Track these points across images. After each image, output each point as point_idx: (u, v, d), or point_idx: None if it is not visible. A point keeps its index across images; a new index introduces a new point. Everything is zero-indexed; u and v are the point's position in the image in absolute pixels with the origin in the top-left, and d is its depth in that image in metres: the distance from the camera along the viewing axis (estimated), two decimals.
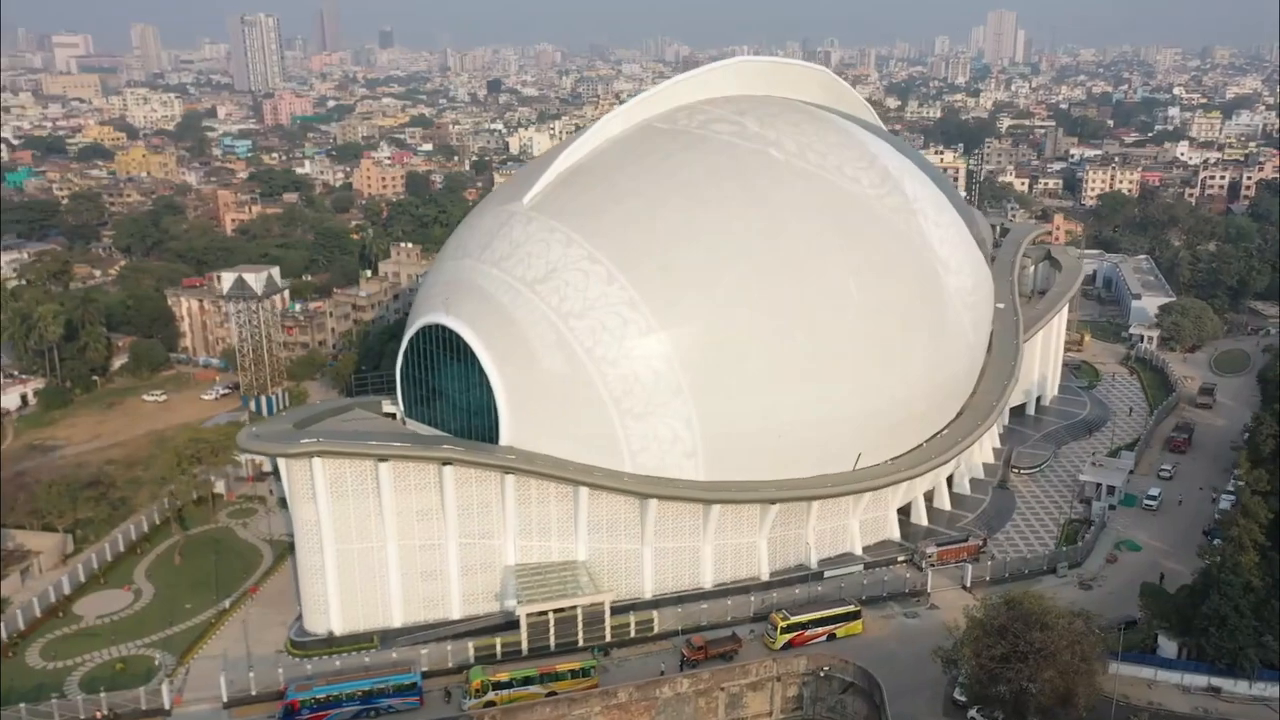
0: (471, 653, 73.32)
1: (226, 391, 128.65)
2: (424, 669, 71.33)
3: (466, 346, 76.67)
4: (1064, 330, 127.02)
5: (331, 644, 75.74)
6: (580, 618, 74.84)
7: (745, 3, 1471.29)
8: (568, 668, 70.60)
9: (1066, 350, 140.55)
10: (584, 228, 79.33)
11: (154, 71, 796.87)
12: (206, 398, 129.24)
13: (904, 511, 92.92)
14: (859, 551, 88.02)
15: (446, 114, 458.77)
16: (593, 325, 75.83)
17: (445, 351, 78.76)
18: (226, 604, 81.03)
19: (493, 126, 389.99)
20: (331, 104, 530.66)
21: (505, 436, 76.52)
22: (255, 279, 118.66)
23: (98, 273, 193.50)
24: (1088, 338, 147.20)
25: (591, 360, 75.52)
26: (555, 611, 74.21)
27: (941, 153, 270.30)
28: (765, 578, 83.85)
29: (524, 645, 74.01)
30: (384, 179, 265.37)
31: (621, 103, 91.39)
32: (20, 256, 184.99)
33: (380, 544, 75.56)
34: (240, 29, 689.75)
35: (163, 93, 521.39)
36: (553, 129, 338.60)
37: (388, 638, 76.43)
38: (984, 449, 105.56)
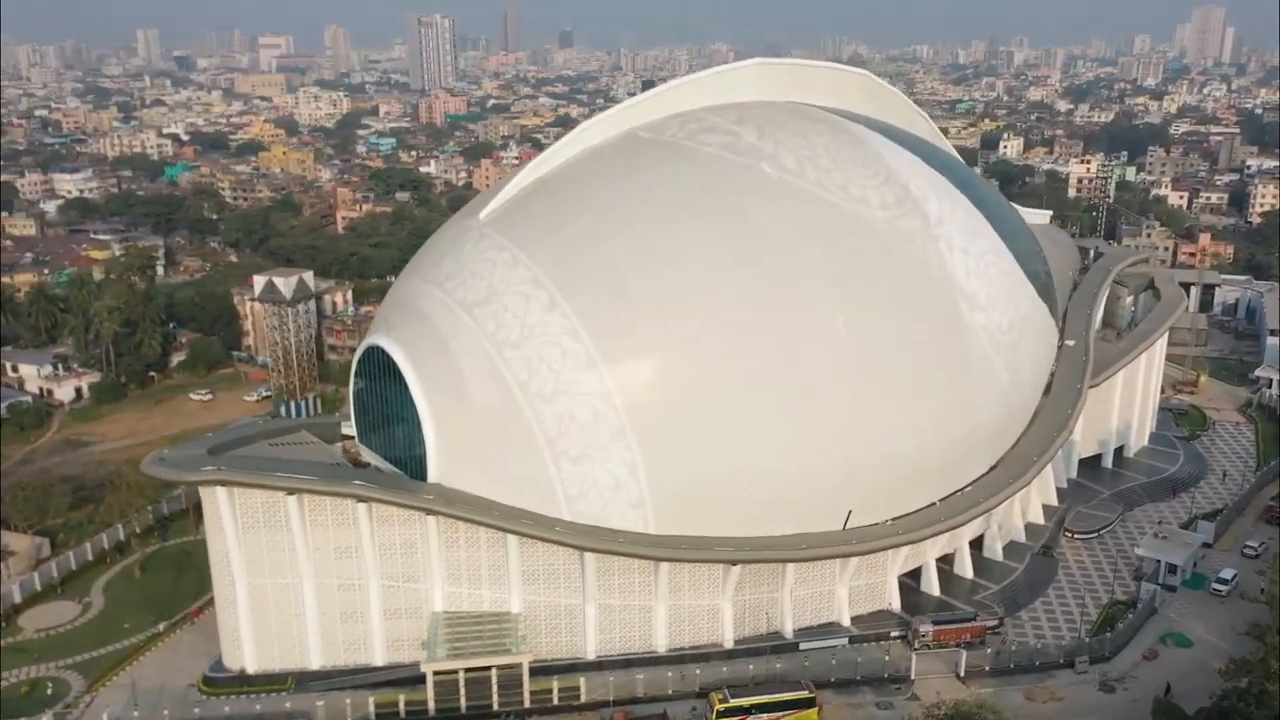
0: (371, 709, 67.52)
1: (268, 394, 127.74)
2: None
3: (400, 373, 70.92)
4: (1158, 370, 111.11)
5: (245, 682, 71.41)
6: (494, 679, 67.86)
7: (929, 1, 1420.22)
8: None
9: (1179, 392, 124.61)
10: (533, 248, 72.16)
11: (342, 71, 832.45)
12: (248, 399, 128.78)
13: (915, 575, 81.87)
14: (846, 622, 77.55)
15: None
16: (529, 356, 68.64)
17: (386, 376, 73.16)
18: (161, 627, 77.91)
19: None
20: (491, 103, 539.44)
21: (433, 473, 70.28)
22: (285, 283, 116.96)
23: (209, 266, 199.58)
24: (1204, 379, 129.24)
25: (525, 395, 68.36)
26: (466, 670, 67.48)
27: (1086, 161, 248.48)
28: (729, 645, 74.72)
29: (430, 704, 67.62)
30: (501, 178, 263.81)
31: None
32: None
33: (296, 580, 70.65)
34: (417, 30, 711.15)
35: (334, 91, 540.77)
36: None
37: (304, 680, 71.56)
38: (1031, 507, 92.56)
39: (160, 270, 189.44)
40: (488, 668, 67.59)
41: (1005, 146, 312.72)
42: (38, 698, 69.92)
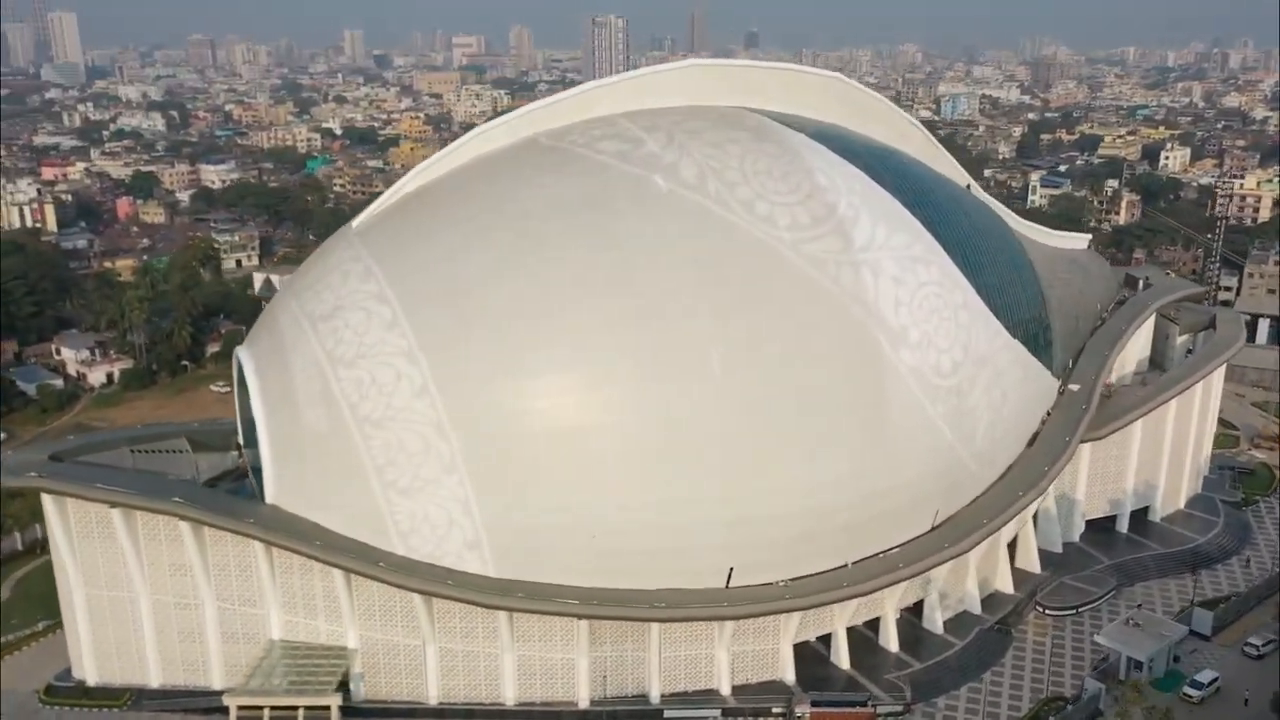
0: None
1: None
2: None
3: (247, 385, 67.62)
4: (1206, 422, 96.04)
5: (85, 695, 69.67)
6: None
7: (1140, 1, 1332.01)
8: None
9: (1256, 447, 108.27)
10: (387, 261, 67.26)
11: (522, 70, 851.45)
12: None
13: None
14: (726, 691, 69.21)
15: None
16: (361, 377, 63.85)
17: (242, 387, 70.00)
18: (40, 626, 77.38)
19: None
20: None
21: (270, 494, 66.39)
22: (280, 281, 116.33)
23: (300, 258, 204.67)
24: None
25: (355, 419, 63.62)
26: (272, 709, 63.35)
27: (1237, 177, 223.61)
28: (583, 705, 67.84)
29: None
30: None
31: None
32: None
33: (133, 595, 68.37)
34: (591, 30, 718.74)
35: (496, 90, 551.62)
36: None
37: (142, 697, 69.27)
38: (999, 574, 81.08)
39: (255, 260, 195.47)
40: (294, 707, 63.24)
41: (1166, 157, 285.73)
42: None
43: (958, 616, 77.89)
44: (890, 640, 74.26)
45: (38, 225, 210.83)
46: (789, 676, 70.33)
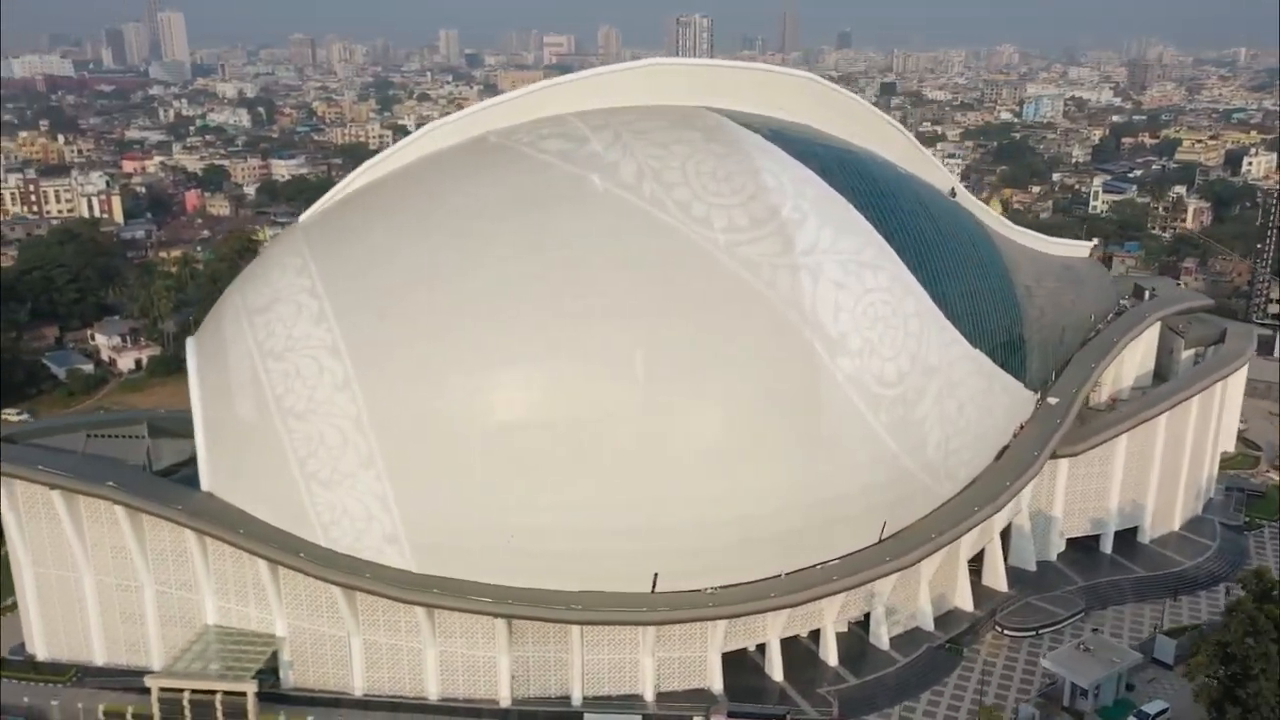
0: (100, 713, 66.18)
1: None
2: None
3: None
4: (1208, 440, 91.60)
5: (34, 669, 72.09)
6: (218, 707, 64.60)
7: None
8: None
9: (1277, 470, 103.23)
10: (322, 256, 68.13)
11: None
12: None
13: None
14: (649, 697, 68.43)
15: None
16: (288, 370, 64.77)
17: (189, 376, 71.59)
18: (11, 601, 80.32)
19: None
20: None
21: (205, 481, 67.83)
22: None
23: None
24: None
25: (279, 411, 64.59)
26: (192, 691, 64.71)
27: None
28: (504, 703, 67.78)
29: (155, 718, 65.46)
30: None
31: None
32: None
33: (77, 574, 70.54)
34: (675, 30, 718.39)
35: None
36: None
37: (86, 675, 71.39)
38: (958, 591, 78.59)
39: None
40: (213, 692, 64.50)
41: (1249, 163, 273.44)
42: None
43: (909, 633, 75.73)
44: (830, 654, 72.54)
45: (104, 215, 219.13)
46: (716, 686, 69.19)
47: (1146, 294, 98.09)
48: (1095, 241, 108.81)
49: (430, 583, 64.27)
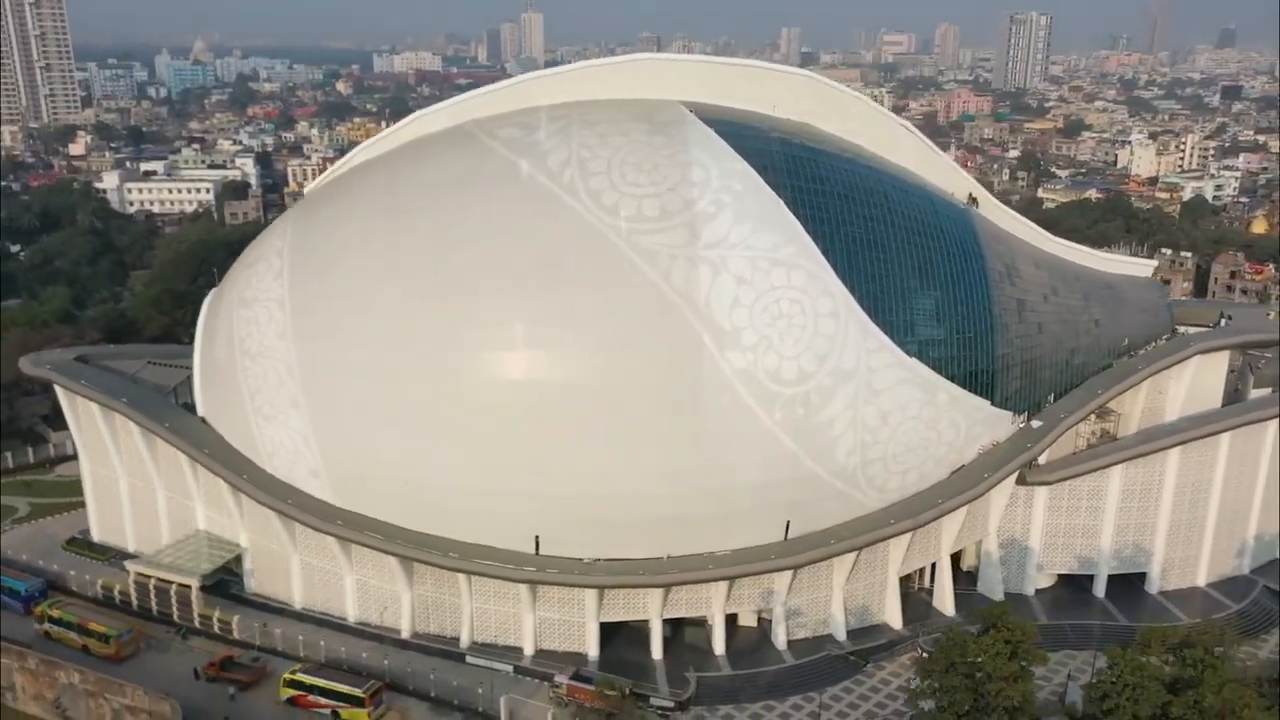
0: (99, 586, 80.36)
1: None
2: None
3: None
4: (1250, 487, 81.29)
5: (89, 548, 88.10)
6: (173, 595, 76.85)
7: None
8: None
9: None
10: (297, 221, 78.50)
11: (940, 69, 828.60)
12: None
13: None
14: (529, 651, 73.16)
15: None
16: (250, 317, 75.59)
17: None
18: None
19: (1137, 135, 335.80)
20: (1048, 105, 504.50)
21: (200, 410, 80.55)
22: None
23: None
24: None
25: (240, 352, 75.59)
26: (158, 580, 77.43)
27: None
28: (405, 635, 75.14)
29: (133, 601, 78.63)
30: None
31: None
32: None
33: (115, 474, 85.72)
34: (1009, 28, 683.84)
35: (875, 88, 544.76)
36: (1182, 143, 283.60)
37: (121, 557, 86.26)
38: (887, 607, 76.55)
39: None
40: (170, 582, 76.89)
41: None
42: None
43: (819, 639, 74.88)
44: (718, 644, 73.57)
45: None
46: (592, 652, 72.64)
47: (1221, 321, 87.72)
48: (1157, 262, 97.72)
49: (339, 515, 72.83)
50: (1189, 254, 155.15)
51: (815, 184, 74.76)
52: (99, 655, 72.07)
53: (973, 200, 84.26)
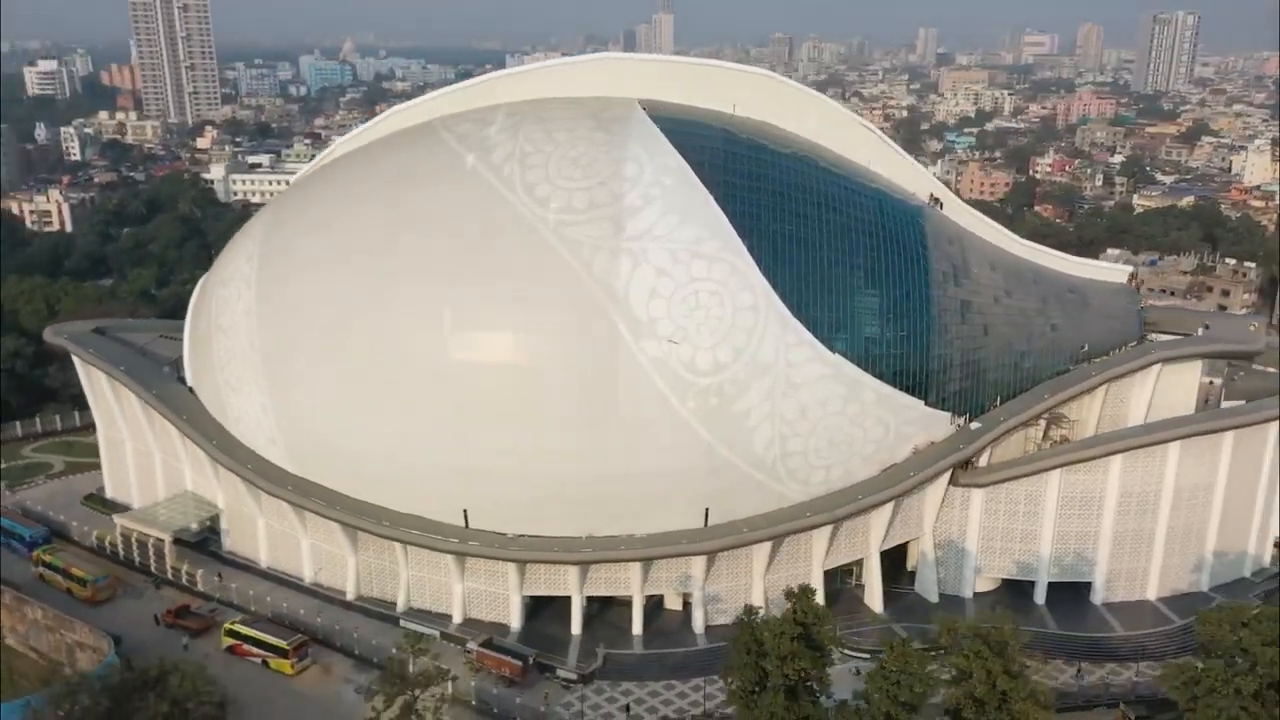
0: (94, 537, 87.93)
1: None
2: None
3: None
4: (1208, 505, 78.70)
5: (103, 504, 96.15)
6: (151, 547, 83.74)
7: None
8: None
9: None
10: (275, 207, 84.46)
11: (1081, 70, 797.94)
12: None
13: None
14: (458, 619, 77.10)
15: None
16: (224, 295, 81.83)
17: None
18: None
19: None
20: (1184, 110, 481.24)
21: (189, 379, 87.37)
22: None
23: None
24: None
25: (214, 326, 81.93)
26: (138, 533, 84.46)
27: None
28: (350, 596, 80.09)
29: (120, 551, 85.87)
30: (986, 184, 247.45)
31: None
32: None
33: (122, 437, 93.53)
34: (1151, 28, 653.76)
35: (999, 90, 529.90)
36: None
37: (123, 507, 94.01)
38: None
39: None
40: (149, 536, 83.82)
41: None
42: None
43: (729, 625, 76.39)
44: (635, 623, 75.99)
45: None
46: (515, 623, 76.11)
47: (1199, 331, 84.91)
48: (1133, 268, 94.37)
49: (291, 481, 78.22)
50: (1252, 264, 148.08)
51: (750, 180, 76.39)
52: (79, 598, 79.33)
53: (935, 201, 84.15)
